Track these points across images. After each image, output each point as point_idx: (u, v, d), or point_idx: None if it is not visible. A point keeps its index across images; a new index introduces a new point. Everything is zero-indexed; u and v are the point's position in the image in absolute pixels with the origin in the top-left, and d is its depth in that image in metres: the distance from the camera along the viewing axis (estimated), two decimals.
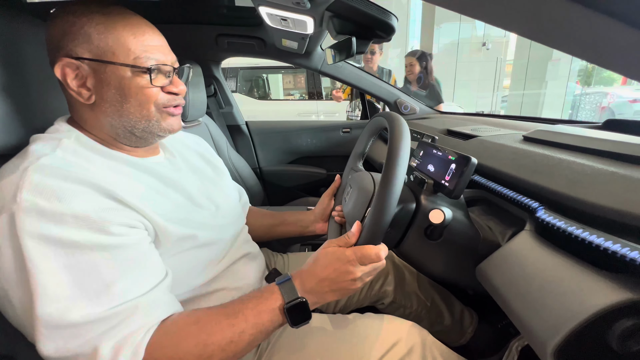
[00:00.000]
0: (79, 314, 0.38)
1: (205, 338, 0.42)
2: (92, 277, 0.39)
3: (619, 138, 0.53)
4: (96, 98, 0.47)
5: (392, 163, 0.46)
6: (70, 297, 0.38)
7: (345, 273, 0.47)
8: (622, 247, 0.35)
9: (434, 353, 0.55)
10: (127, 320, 0.40)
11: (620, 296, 0.33)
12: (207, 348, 0.42)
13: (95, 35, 0.45)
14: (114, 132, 0.50)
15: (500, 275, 0.48)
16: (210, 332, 0.43)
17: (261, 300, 0.46)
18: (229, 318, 0.44)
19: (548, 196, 0.50)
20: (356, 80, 1.44)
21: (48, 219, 0.38)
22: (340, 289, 0.48)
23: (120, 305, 0.40)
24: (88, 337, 0.38)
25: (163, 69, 0.50)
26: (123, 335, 0.39)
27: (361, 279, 0.48)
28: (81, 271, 0.39)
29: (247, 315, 0.45)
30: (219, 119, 1.55)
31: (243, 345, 0.44)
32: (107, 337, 0.39)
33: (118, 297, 0.40)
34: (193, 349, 0.42)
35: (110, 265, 0.41)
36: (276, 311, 0.46)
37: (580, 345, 0.35)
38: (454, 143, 0.88)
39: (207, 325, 0.44)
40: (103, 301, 0.39)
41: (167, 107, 0.52)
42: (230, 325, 0.44)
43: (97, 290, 0.39)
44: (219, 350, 0.42)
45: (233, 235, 0.64)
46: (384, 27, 0.76)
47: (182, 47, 1.31)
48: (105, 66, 0.46)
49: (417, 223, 0.55)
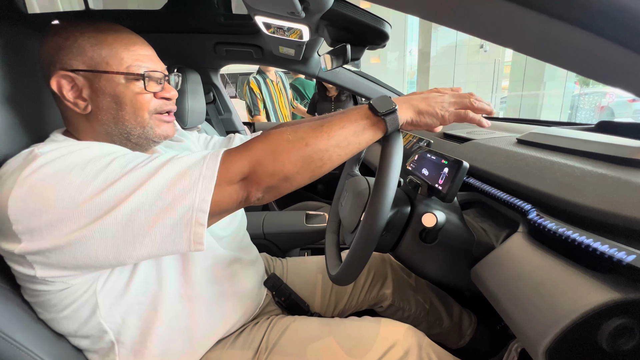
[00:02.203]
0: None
1: (301, 133, 0.45)
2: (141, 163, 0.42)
3: (610, 140, 0.54)
4: (92, 107, 0.49)
5: (386, 167, 0.47)
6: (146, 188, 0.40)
7: (437, 95, 0.50)
8: (610, 247, 0.36)
9: (430, 356, 0.55)
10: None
11: (609, 296, 0.34)
12: (299, 137, 0.44)
13: (88, 47, 0.47)
14: (110, 140, 0.52)
15: (494, 277, 0.49)
16: (305, 130, 0.45)
17: (351, 110, 0.49)
18: (319, 120, 0.47)
19: (540, 198, 0.50)
20: (354, 85, 1.45)
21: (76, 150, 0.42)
22: (428, 98, 0.49)
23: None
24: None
25: (155, 76, 0.52)
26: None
27: (448, 99, 0.49)
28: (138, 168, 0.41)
29: (334, 118, 0.47)
30: (219, 125, 1.56)
31: (335, 142, 0.45)
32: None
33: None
34: (288, 136, 0.44)
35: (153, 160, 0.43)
36: (365, 110, 0.48)
37: (571, 345, 0.36)
38: (449, 146, 0.89)
39: (303, 127, 0.46)
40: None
41: (159, 113, 0.54)
42: (320, 124, 0.46)
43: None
44: (312, 141, 0.44)
45: (230, 237, 0.65)
46: (377, 34, 0.78)
47: (181, 55, 1.33)
48: (100, 76, 0.48)
49: (412, 226, 0.55)
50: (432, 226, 0.50)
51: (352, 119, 0.46)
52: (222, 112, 1.58)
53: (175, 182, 0.40)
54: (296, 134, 0.44)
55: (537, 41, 0.37)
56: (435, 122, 0.49)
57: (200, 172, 0.40)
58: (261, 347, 0.58)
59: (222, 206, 0.42)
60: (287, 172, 0.43)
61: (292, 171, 0.43)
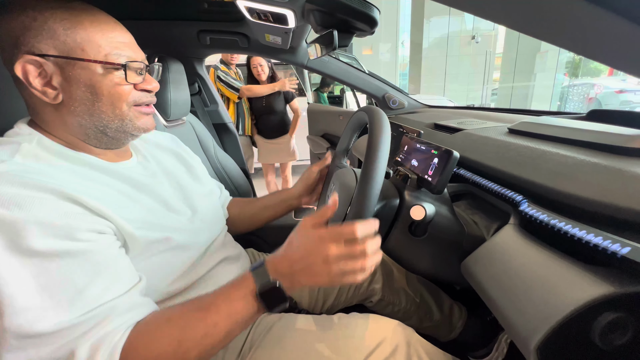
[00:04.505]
0: (52, 322, 0.36)
1: (178, 334, 0.41)
2: (62, 285, 0.37)
3: (602, 128, 0.53)
4: (64, 97, 0.45)
5: (372, 156, 0.45)
6: (41, 306, 0.36)
7: (316, 251, 0.42)
8: (603, 239, 0.34)
9: (419, 351, 0.54)
10: (104, 322, 0.38)
11: (602, 290, 0.32)
12: (181, 345, 0.40)
13: (61, 30, 0.43)
14: (83, 133, 0.48)
15: (484, 271, 0.47)
16: (182, 328, 0.41)
17: (233, 289, 0.44)
18: (200, 311, 0.43)
19: (532, 189, 0.49)
20: (343, 75, 1.42)
21: (9, 228, 0.35)
22: (313, 272, 0.43)
23: (95, 309, 0.38)
24: (63, 342, 0.36)
25: (135, 66, 0.48)
26: (100, 336, 0.38)
27: (335, 260, 0.42)
28: (50, 279, 0.37)
29: (219, 306, 0.43)
30: (205, 117, 1.51)
31: (219, 338, 0.42)
32: (84, 340, 0.37)
33: (92, 301, 0.38)
34: (167, 347, 0.40)
35: (81, 271, 0.39)
36: (249, 297, 0.43)
37: (563, 341, 0.34)
38: (440, 137, 0.87)
39: (179, 321, 0.42)
40: (77, 307, 0.37)
41: (139, 105, 0.50)
42: (202, 319, 0.42)
43: (69, 297, 0.37)
44: (194, 345, 0.41)
45: (211, 238, 0.62)
46: (365, 19, 0.74)
47: (163, 43, 1.28)
48: (74, 63, 0.44)
49: (401, 220, 0.54)
50: (420, 219, 0.48)
51: (242, 314, 0.43)
52: (208, 104, 1.53)
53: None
54: (177, 354, 0.40)
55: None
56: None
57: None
58: (245, 347, 0.56)
59: None
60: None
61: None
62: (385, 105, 1.48)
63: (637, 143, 0.43)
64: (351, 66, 1.43)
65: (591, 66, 8.59)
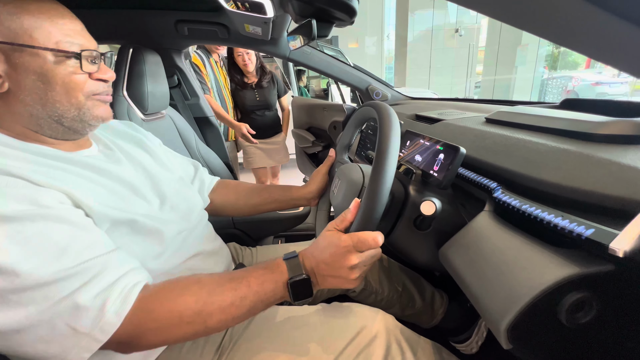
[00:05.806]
0: (44, 272, 0.35)
1: (206, 297, 0.42)
2: (43, 244, 0.37)
3: (573, 116, 0.54)
4: (10, 85, 0.42)
5: (384, 152, 0.45)
6: (28, 263, 0.35)
7: (342, 258, 0.45)
8: (570, 222, 0.35)
9: (399, 339, 0.55)
10: (101, 274, 0.39)
11: (567, 271, 0.33)
12: (206, 306, 0.42)
13: (5, 15, 0.41)
14: (35, 124, 0.46)
15: (459, 257, 0.48)
16: (211, 292, 0.43)
17: (267, 272, 0.47)
18: (232, 282, 0.45)
19: (506, 176, 0.50)
20: (326, 67, 1.41)
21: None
22: (337, 276, 0.46)
23: (86, 262, 0.38)
24: (61, 294, 0.36)
25: (89, 55, 0.46)
26: (102, 287, 0.38)
27: (358, 268, 0.45)
28: (29, 240, 0.36)
29: (250, 282, 0.45)
30: (185, 111, 1.47)
31: (243, 311, 0.44)
32: (85, 291, 0.37)
33: (80, 255, 0.38)
34: (192, 305, 0.41)
35: (59, 231, 0.38)
36: (279, 284, 0.46)
37: (532, 321, 0.35)
38: (421, 127, 0.88)
39: (210, 285, 0.44)
40: (65, 260, 0.37)
41: (97, 94, 0.48)
42: (232, 289, 0.44)
43: (54, 253, 0.37)
44: (218, 311, 0.42)
45: (185, 228, 0.61)
46: (344, 8, 0.73)
47: (138, 34, 1.23)
48: (21, 50, 0.41)
49: (407, 214, 0.54)
50: (431, 214, 0.48)
51: (268, 295, 0.46)
52: (189, 97, 1.49)
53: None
54: (201, 315, 0.42)
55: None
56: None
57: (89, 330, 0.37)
58: (224, 343, 0.56)
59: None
60: (168, 343, 0.43)
61: (172, 342, 0.43)
62: (368, 97, 1.48)
63: (605, 129, 0.44)
64: (335, 58, 1.42)
65: (569, 59, 8.84)
